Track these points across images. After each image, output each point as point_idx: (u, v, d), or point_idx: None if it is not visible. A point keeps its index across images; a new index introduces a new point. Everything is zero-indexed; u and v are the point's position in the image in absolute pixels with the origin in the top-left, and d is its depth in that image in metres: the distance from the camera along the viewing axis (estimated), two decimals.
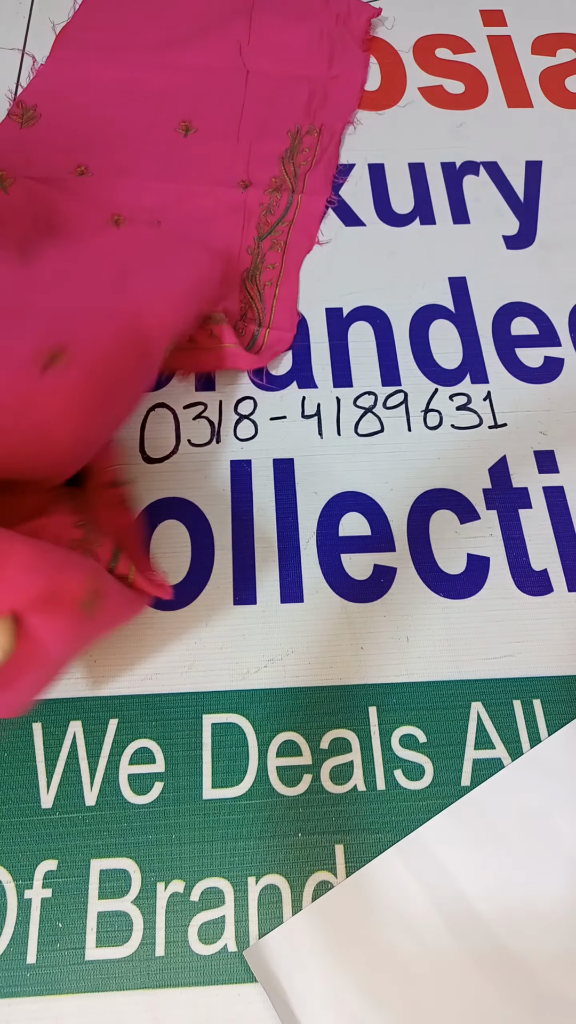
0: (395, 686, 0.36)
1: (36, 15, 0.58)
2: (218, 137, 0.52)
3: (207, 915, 0.31)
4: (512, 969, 0.30)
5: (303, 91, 0.54)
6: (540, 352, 0.45)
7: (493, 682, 0.36)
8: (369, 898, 0.31)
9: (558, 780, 0.34)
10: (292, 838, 0.33)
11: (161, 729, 0.34)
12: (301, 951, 0.30)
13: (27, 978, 0.30)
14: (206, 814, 0.33)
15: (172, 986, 0.30)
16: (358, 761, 0.34)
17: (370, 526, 0.40)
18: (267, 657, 0.36)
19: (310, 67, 0.56)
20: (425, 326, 0.46)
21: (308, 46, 0.56)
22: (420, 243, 0.49)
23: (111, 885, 0.32)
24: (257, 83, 0.55)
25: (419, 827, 0.33)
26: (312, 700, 0.35)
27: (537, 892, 0.32)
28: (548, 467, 0.42)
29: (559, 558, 0.39)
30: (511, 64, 0.58)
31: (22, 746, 0.34)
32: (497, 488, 0.41)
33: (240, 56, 0.56)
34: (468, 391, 0.44)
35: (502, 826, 0.33)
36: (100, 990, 0.30)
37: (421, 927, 0.31)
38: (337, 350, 0.45)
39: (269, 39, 0.56)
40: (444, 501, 0.40)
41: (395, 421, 0.43)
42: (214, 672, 0.36)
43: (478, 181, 0.52)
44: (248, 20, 0.57)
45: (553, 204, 0.51)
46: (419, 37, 0.59)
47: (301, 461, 0.41)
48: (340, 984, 0.30)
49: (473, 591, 0.38)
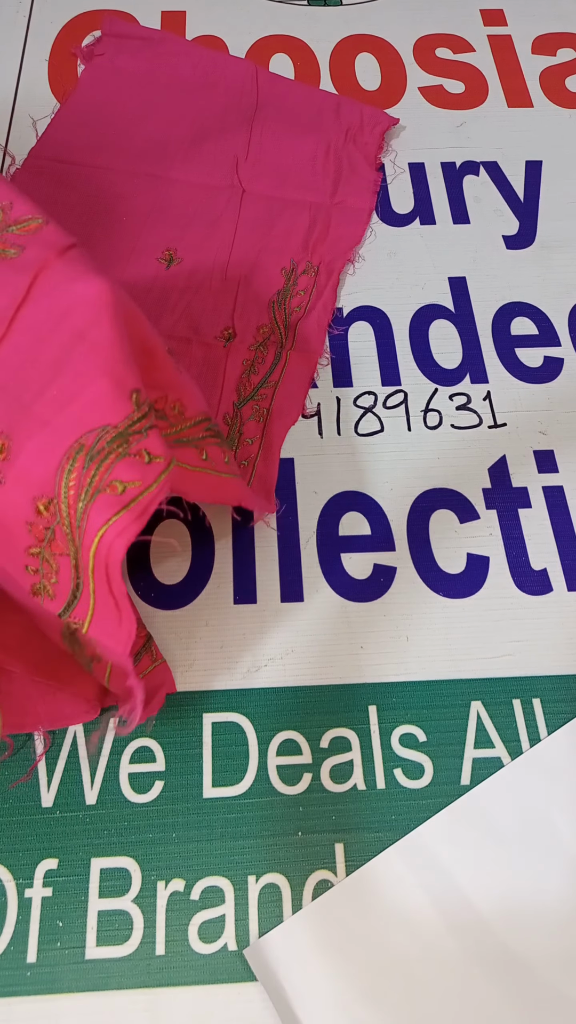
0: (395, 685, 0.36)
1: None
2: (204, 272, 0.46)
3: (207, 914, 0.31)
4: (512, 968, 0.30)
5: (303, 221, 0.48)
6: (540, 352, 0.45)
7: (493, 681, 0.36)
8: (369, 897, 0.31)
9: (558, 779, 0.34)
10: (292, 837, 0.33)
11: (161, 728, 0.34)
12: (301, 950, 0.30)
13: (27, 977, 0.30)
14: (206, 813, 0.33)
15: (172, 985, 0.30)
16: (358, 760, 0.34)
17: (370, 526, 0.40)
18: (267, 656, 0.36)
19: (312, 191, 0.50)
20: (425, 326, 0.46)
21: (312, 164, 0.50)
22: (420, 243, 0.49)
23: (111, 884, 0.32)
24: (253, 206, 0.49)
25: (419, 826, 0.33)
26: (312, 699, 0.35)
27: (537, 891, 0.32)
28: (548, 467, 0.42)
29: (559, 558, 0.39)
30: (511, 64, 0.58)
31: (21, 744, 0.34)
32: (497, 488, 0.41)
33: (236, 173, 0.50)
34: (468, 391, 0.44)
35: (502, 825, 0.33)
36: (100, 989, 0.30)
37: (421, 926, 0.31)
38: (337, 350, 0.45)
39: (270, 154, 0.51)
40: (444, 501, 0.40)
41: (395, 421, 0.43)
42: (214, 671, 0.36)
43: (478, 181, 0.52)
44: (249, 130, 0.51)
45: (553, 204, 0.51)
46: (419, 37, 0.59)
47: (301, 461, 0.41)
48: (340, 983, 0.30)
49: (473, 591, 0.38)
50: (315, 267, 0.47)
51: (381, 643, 0.37)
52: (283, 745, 0.34)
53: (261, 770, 0.34)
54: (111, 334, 0.28)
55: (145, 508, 0.26)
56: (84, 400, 0.27)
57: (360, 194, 0.50)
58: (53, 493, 0.27)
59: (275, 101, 0.53)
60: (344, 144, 0.52)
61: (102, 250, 0.47)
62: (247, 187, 0.50)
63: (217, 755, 0.34)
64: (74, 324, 0.29)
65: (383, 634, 0.37)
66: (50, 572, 0.29)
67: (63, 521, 0.27)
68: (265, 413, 0.42)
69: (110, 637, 0.28)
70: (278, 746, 0.34)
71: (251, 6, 0.60)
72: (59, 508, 0.27)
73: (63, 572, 0.28)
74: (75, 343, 0.28)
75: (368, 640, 0.37)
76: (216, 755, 0.34)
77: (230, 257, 0.47)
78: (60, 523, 0.27)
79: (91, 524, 0.26)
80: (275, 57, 0.57)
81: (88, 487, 0.26)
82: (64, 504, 0.27)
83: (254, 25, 0.59)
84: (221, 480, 0.32)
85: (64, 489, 0.27)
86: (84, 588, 0.28)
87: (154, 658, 0.35)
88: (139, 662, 0.34)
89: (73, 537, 0.27)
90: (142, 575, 0.38)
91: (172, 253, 0.47)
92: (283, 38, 0.58)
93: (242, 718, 0.35)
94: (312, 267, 0.47)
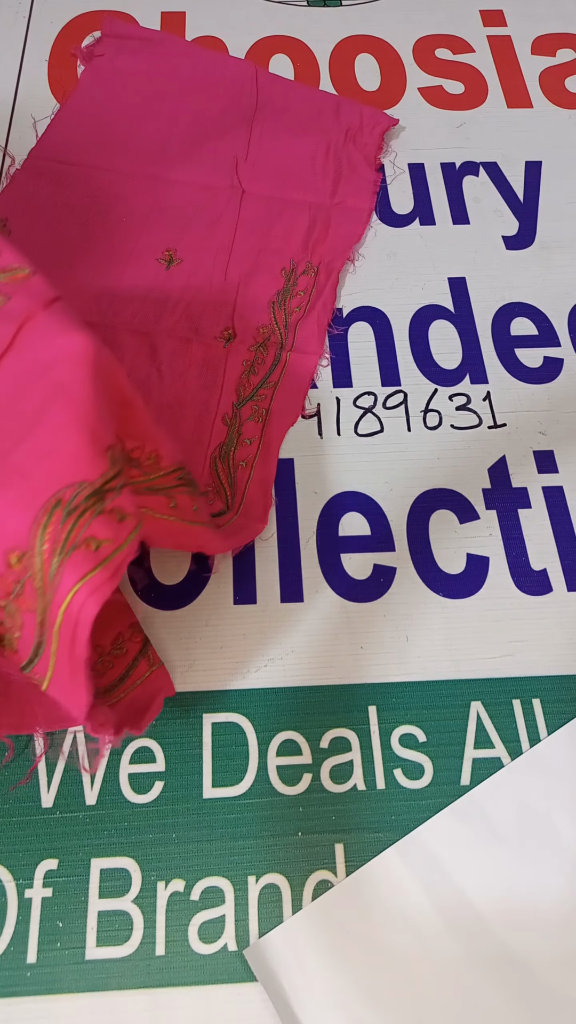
0: (395, 685, 0.36)
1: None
2: (204, 272, 0.46)
3: (207, 914, 0.31)
4: (512, 968, 0.30)
5: (303, 221, 0.48)
6: (540, 352, 0.45)
7: (493, 681, 0.36)
8: (369, 897, 0.31)
9: (557, 779, 0.34)
10: (292, 837, 0.33)
11: (161, 728, 0.34)
12: (301, 950, 0.30)
13: (27, 977, 0.30)
14: (206, 813, 0.33)
15: (172, 985, 0.30)
16: (358, 760, 0.34)
17: (370, 526, 0.40)
18: (267, 657, 0.36)
19: (312, 191, 0.49)
20: (425, 326, 0.46)
21: (312, 165, 0.50)
22: (420, 243, 0.49)
23: (111, 884, 0.32)
24: (253, 207, 0.48)
25: (419, 826, 0.33)
26: (312, 699, 0.35)
27: (537, 891, 0.32)
28: (547, 467, 0.42)
29: (558, 558, 0.39)
30: (511, 64, 0.58)
31: (22, 746, 0.34)
32: (496, 488, 0.41)
33: (236, 174, 0.50)
34: (468, 391, 0.44)
35: (502, 825, 0.33)
36: (100, 989, 0.30)
37: (421, 926, 0.31)
38: (337, 350, 0.45)
39: (269, 155, 0.50)
40: (444, 501, 0.40)
41: (395, 421, 0.43)
42: (214, 672, 0.36)
43: (478, 181, 0.52)
44: (248, 130, 0.51)
45: (553, 204, 0.51)
46: (419, 37, 0.59)
47: (301, 461, 0.41)
48: (340, 983, 0.30)
49: (473, 591, 0.38)
50: (315, 267, 0.47)
51: (381, 643, 0.37)
52: (283, 745, 0.34)
53: (261, 770, 0.34)
54: (90, 390, 0.28)
55: (118, 566, 0.27)
56: (63, 455, 0.27)
57: (360, 194, 0.50)
58: (27, 546, 0.27)
59: (275, 101, 0.53)
60: (344, 144, 0.52)
61: (102, 250, 0.47)
62: (247, 187, 0.50)
63: (217, 755, 0.34)
64: (55, 377, 0.29)
65: (383, 634, 0.37)
66: (14, 627, 0.29)
67: (35, 575, 0.27)
68: (264, 413, 0.42)
69: (67, 698, 0.28)
70: (278, 746, 0.34)
71: (251, 6, 0.60)
72: (32, 562, 0.27)
73: (27, 628, 0.28)
74: (55, 396, 0.28)
75: (368, 640, 0.37)
76: (216, 755, 0.34)
77: (230, 257, 0.47)
78: (32, 577, 0.27)
79: (65, 580, 0.26)
80: (275, 57, 0.57)
81: (64, 542, 0.26)
82: (39, 558, 0.27)
83: (254, 25, 0.59)
84: (186, 528, 0.33)
85: (40, 543, 0.27)
86: (46, 647, 0.28)
87: (151, 663, 0.35)
88: (136, 667, 0.34)
89: (44, 591, 0.27)
90: (142, 575, 0.38)
91: (172, 253, 0.47)
92: (283, 38, 0.58)
93: (242, 718, 0.35)
94: (312, 267, 0.47)
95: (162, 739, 0.34)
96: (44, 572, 0.27)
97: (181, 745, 0.34)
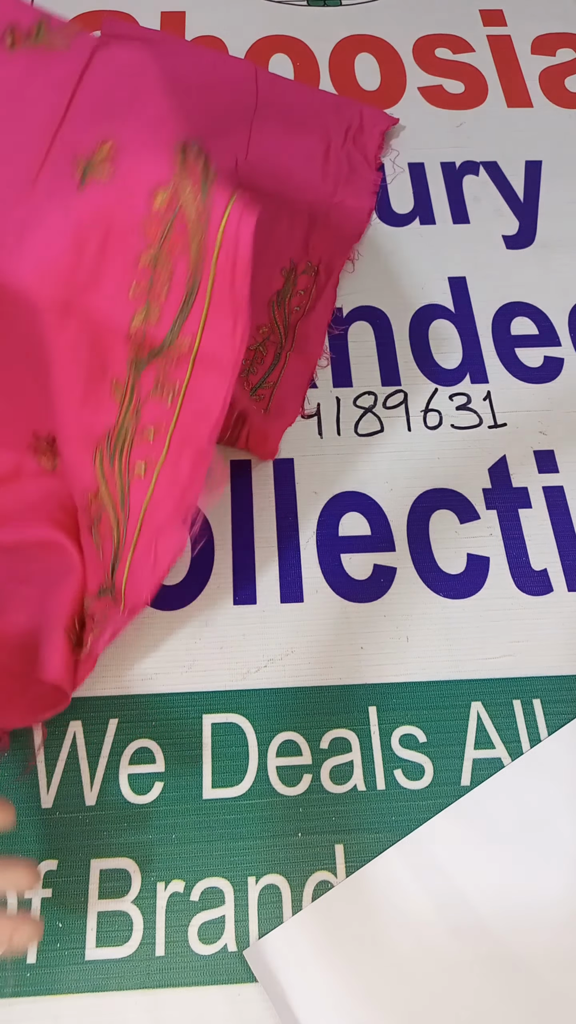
0: (395, 686, 0.36)
1: None
2: None
3: (207, 915, 0.31)
4: (512, 969, 0.30)
5: (303, 221, 0.48)
6: (540, 352, 0.45)
7: (493, 682, 0.36)
8: (369, 898, 0.31)
9: (558, 780, 0.34)
10: (292, 838, 0.33)
11: (161, 729, 0.34)
12: (301, 951, 0.30)
13: (27, 978, 0.30)
14: (206, 814, 0.33)
15: (172, 986, 0.30)
16: (358, 761, 0.34)
17: (370, 526, 0.40)
18: (267, 657, 0.36)
19: (312, 191, 0.49)
20: (425, 326, 0.46)
21: (312, 164, 0.50)
22: (420, 243, 0.49)
23: (111, 885, 0.32)
24: None
25: (419, 827, 0.33)
26: (312, 700, 0.35)
27: (537, 892, 0.32)
28: (548, 467, 0.42)
29: (559, 558, 0.39)
30: (511, 64, 0.58)
31: (22, 746, 0.34)
32: (497, 488, 0.41)
33: (236, 172, 0.49)
34: (468, 391, 0.44)
35: (502, 826, 0.33)
36: (100, 990, 0.30)
37: (421, 927, 0.31)
38: (337, 350, 0.45)
39: (270, 153, 0.50)
40: (444, 501, 0.40)
41: (395, 421, 0.43)
42: (214, 672, 0.36)
43: (478, 181, 0.52)
44: (248, 130, 0.51)
45: (553, 204, 0.51)
46: (419, 37, 0.59)
47: (301, 461, 0.41)
48: (340, 984, 0.30)
49: (473, 591, 0.38)
50: (315, 267, 0.47)
51: (381, 643, 0.37)
52: (283, 746, 0.34)
53: (261, 771, 0.34)
54: (162, 82, 0.34)
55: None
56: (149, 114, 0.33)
57: (360, 194, 0.50)
58: (169, 180, 0.30)
59: (275, 101, 0.53)
60: (344, 144, 0.51)
61: None
62: (247, 187, 0.49)
63: (217, 756, 0.34)
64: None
65: (383, 634, 0.37)
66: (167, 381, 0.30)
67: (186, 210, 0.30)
68: (263, 414, 0.42)
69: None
70: (278, 747, 0.34)
71: (251, 6, 0.60)
72: (179, 196, 0.30)
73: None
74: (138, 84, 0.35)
75: (368, 640, 0.37)
76: (216, 756, 0.34)
77: None
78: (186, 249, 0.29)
79: (216, 202, 0.29)
80: (275, 57, 0.57)
81: (204, 177, 0.30)
82: (187, 189, 0.30)
83: (254, 25, 0.59)
84: None
85: (183, 177, 0.30)
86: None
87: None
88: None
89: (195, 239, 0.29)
90: None
91: None
92: (283, 38, 0.58)
93: (242, 719, 0.35)
94: (312, 267, 0.47)
95: (162, 739, 0.34)
96: (194, 199, 0.30)
97: (181, 746, 0.34)
